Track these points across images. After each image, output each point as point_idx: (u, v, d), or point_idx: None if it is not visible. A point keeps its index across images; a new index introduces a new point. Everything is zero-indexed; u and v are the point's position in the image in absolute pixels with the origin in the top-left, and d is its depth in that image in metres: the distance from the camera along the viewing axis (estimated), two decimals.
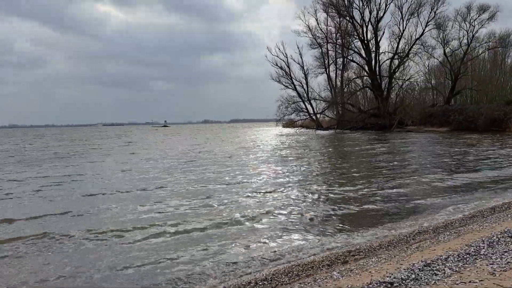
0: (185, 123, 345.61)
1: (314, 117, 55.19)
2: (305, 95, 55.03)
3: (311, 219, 6.77)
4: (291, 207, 7.56)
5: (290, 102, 53.43)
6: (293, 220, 6.74)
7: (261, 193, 8.98)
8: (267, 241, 5.69)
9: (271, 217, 6.94)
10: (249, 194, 8.85)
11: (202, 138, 42.76)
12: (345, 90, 55.32)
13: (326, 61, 58.88)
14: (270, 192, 9.16)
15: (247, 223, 6.57)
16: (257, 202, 8.11)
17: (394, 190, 9.03)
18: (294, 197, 8.46)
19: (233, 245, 5.52)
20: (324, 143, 29.63)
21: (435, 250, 4.56)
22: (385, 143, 25.46)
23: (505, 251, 4.11)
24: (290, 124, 56.93)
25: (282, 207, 7.57)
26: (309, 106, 54.98)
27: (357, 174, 11.76)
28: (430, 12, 45.80)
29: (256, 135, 47.07)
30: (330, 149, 22.56)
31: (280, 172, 12.63)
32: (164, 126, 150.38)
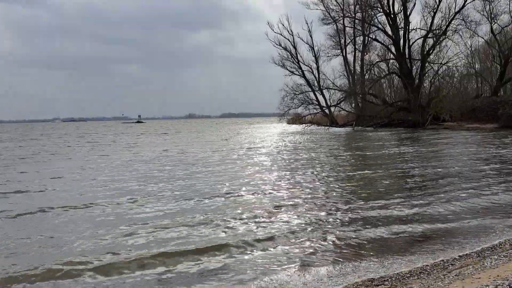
0: (164, 118, 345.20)
1: (327, 111, 55.27)
2: (315, 83, 55.13)
3: (328, 243, 6.82)
4: (303, 229, 7.57)
5: (297, 92, 53.40)
6: (306, 245, 6.79)
7: (265, 212, 8.97)
8: (274, 271, 5.74)
9: (278, 241, 6.97)
10: (249, 213, 8.84)
11: (188, 137, 42.79)
12: (366, 77, 55.49)
13: (342, 40, 59.25)
14: (276, 210, 9.17)
15: (248, 250, 6.58)
16: (260, 223, 8.11)
17: (430, 208, 9.07)
18: (306, 217, 8.46)
19: (233, 278, 5.55)
20: (340, 144, 29.70)
21: (479, 278, 4.62)
22: (417, 145, 25.56)
23: None
24: (296, 119, 56.95)
25: (292, 230, 7.57)
26: (320, 97, 55.09)
27: (383, 187, 11.80)
28: None
29: (253, 134, 47.12)
30: (349, 153, 22.64)
31: (288, 183, 12.69)
32: (138, 122, 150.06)
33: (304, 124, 53.80)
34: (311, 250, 6.51)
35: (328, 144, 29.29)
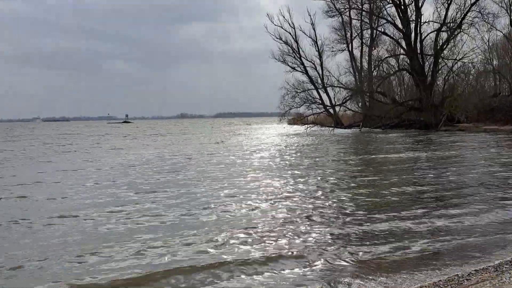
0: (154, 119, 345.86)
1: (331, 110, 55.35)
2: (319, 80, 55.34)
3: (336, 259, 6.79)
4: (311, 245, 7.47)
5: (299, 90, 53.59)
6: (314, 261, 6.76)
7: (269, 225, 8.84)
8: None
9: (286, 258, 6.94)
10: (253, 226, 8.77)
11: (178, 139, 42.78)
12: (374, 73, 55.56)
13: (348, 34, 59.48)
14: (282, 222, 9.10)
15: (254, 268, 6.50)
16: (265, 237, 8.05)
17: (447, 220, 8.99)
18: (314, 230, 8.34)
19: None
20: (347, 147, 29.67)
21: None
22: (432, 148, 25.57)
23: None
24: (298, 119, 57.03)
25: (299, 245, 7.51)
26: (324, 96, 55.28)
27: (396, 197, 11.66)
28: None
29: (251, 136, 47.04)
30: (357, 157, 22.69)
31: (293, 192, 12.63)
32: (125, 122, 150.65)
33: (306, 125, 53.67)
34: (319, 267, 6.50)
35: (333, 147, 29.29)
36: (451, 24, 48.16)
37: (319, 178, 14.98)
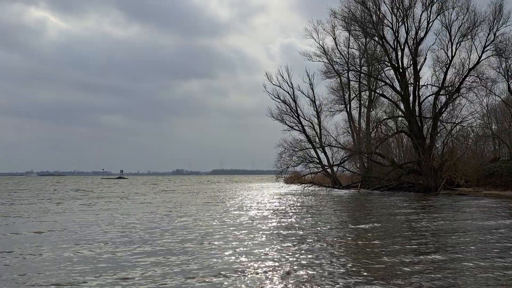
0: (149, 174, 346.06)
1: (329, 170, 54.78)
2: (317, 139, 55.20)
3: None
4: None
5: (296, 149, 53.43)
6: None
7: None
8: None
9: None
10: None
11: (165, 198, 41.90)
12: (373, 135, 55.28)
13: (347, 95, 59.71)
14: None
15: None
16: None
17: None
18: None
19: None
20: (345, 211, 28.67)
21: None
22: (430, 215, 24.52)
23: None
24: (295, 178, 56.42)
25: None
26: (322, 155, 54.99)
27: (398, 276, 10.58)
28: (489, 34, 46.23)
29: (247, 196, 46.10)
30: (361, 226, 21.67)
31: (290, 265, 11.77)
32: (120, 177, 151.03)
33: (304, 184, 53.14)
34: None
35: (332, 210, 28.24)
36: (450, 88, 48.25)
37: (317, 252, 13.85)
